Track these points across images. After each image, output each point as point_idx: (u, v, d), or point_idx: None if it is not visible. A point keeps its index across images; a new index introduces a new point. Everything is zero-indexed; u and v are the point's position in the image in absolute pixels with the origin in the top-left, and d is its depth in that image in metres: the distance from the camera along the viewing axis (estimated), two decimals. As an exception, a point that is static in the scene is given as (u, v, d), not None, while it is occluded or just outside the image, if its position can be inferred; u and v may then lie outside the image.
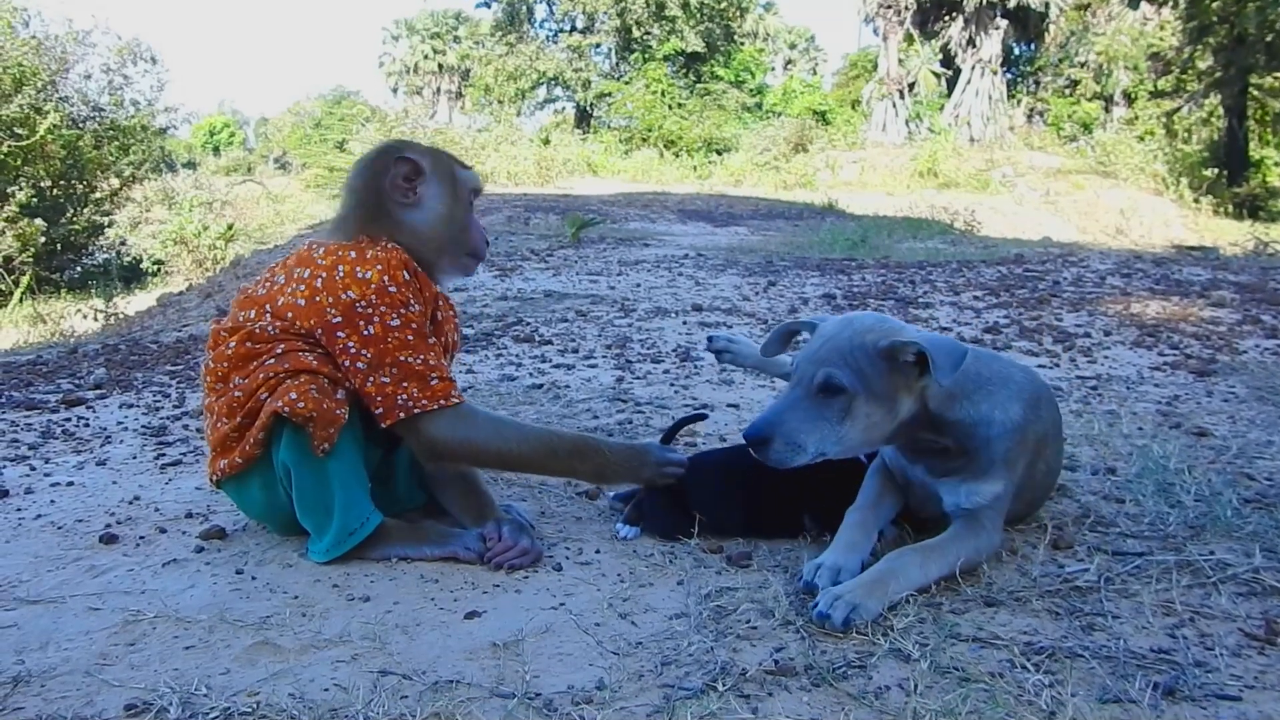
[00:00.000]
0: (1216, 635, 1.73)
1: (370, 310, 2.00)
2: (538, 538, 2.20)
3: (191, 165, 33.78)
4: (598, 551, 2.17)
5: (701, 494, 2.24)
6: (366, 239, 2.12)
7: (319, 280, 2.05)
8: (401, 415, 2.01)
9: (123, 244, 17.39)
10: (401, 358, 2.01)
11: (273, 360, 2.03)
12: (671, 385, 3.78)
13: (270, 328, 2.06)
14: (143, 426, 3.41)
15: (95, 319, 10.56)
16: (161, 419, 3.51)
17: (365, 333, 2.00)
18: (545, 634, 1.78)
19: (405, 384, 2.01)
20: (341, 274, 2.03)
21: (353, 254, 2.07)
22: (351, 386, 2.04)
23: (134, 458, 3.00)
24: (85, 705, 1.56)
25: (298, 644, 1.75)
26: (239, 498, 2.22)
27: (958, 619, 1.79)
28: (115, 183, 18.23)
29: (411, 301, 2.05)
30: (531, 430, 2.21)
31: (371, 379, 2.00)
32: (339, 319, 2.01)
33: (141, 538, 2.30)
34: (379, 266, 2.03)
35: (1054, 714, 1.46)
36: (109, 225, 17.58)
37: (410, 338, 2.03)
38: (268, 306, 2.09)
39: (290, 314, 2.05)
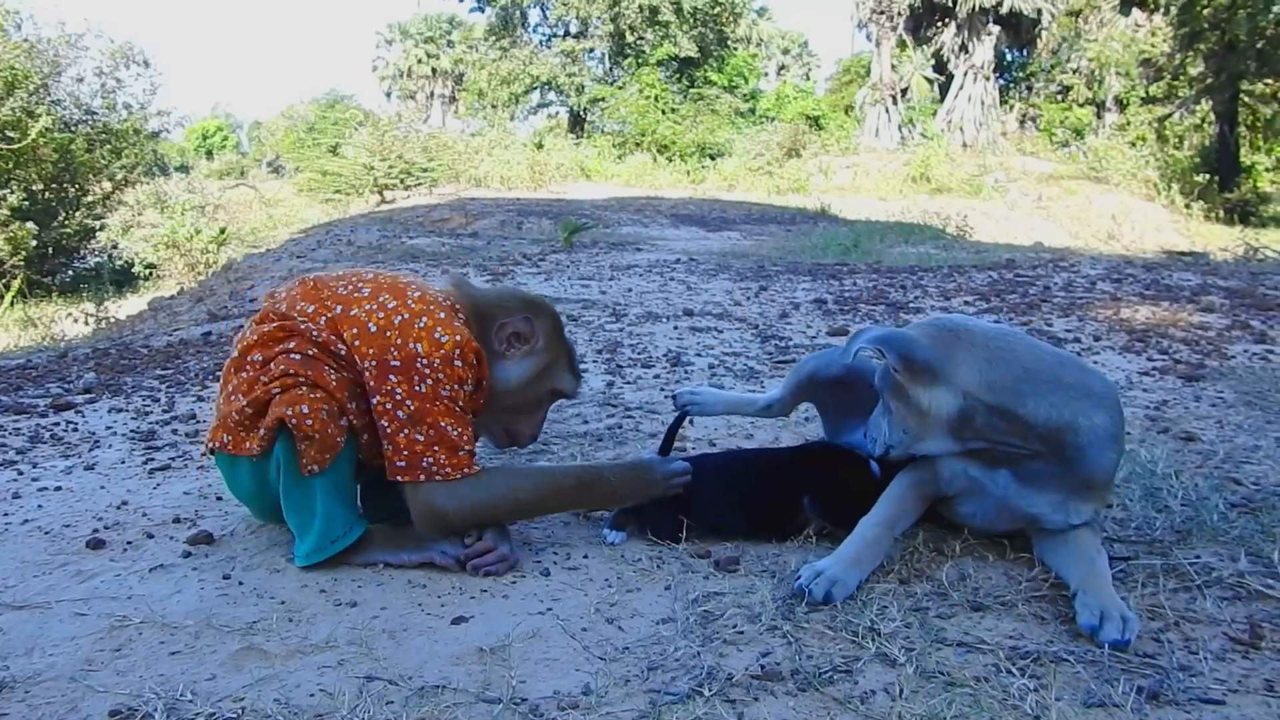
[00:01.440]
0: (1201, 639, 1.73)
1: (429, 371, 2.02)
2: (522, 543, 2.21)
3: (184, 169, 33.77)
4: (585, 557, 2.17)
5: (705, 498, 2.26)
6: (465, 315, 2.17)
7: (399, 318, 2.07)
8: (422, 477, 2.02)
9: (114, 247, 17.38)
10: (441, 423, 2.03)
11: (298, 357, 2.04)
12: (662, 390, 3.78)
13: (316, 332, 2.07)
14: (131, 431, 3.40)
15: (86, 323, 10.55)
16: (150, 423, 3.50)
17: (417, 388, 2.02)
18: (532, 639, 1.78)
19: (436, 449, 2.02)
20: (422, 325, 2.06)
21: (443, 315, 2.10)
22: (360, 422, 2.07)
23: (122, 462, 2.99)
24: (70, 711, 1.55)
25: (284, 649, 1.75)
26: (228, 475, 2.20)
27: (944, 624, 1.80)
28: (107, 186, 18.24)
29: (466, 383, 2.09)
30: (537, 476, 2.20)
31: (406, 431, 2.01)
32: (397, 364, 2.02)
33: (129, 543, 2.29)
34: (458, 338, 2.06)
35: (1038, 718, 1.47)
36: (101, 229, 17.57)
37: (456, 409, 2.06)
38: (336, 309, 2.10)
39: (354, 330, 2.06)
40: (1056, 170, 28.17)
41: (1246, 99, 24.98)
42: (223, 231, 15.31)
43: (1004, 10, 33.08)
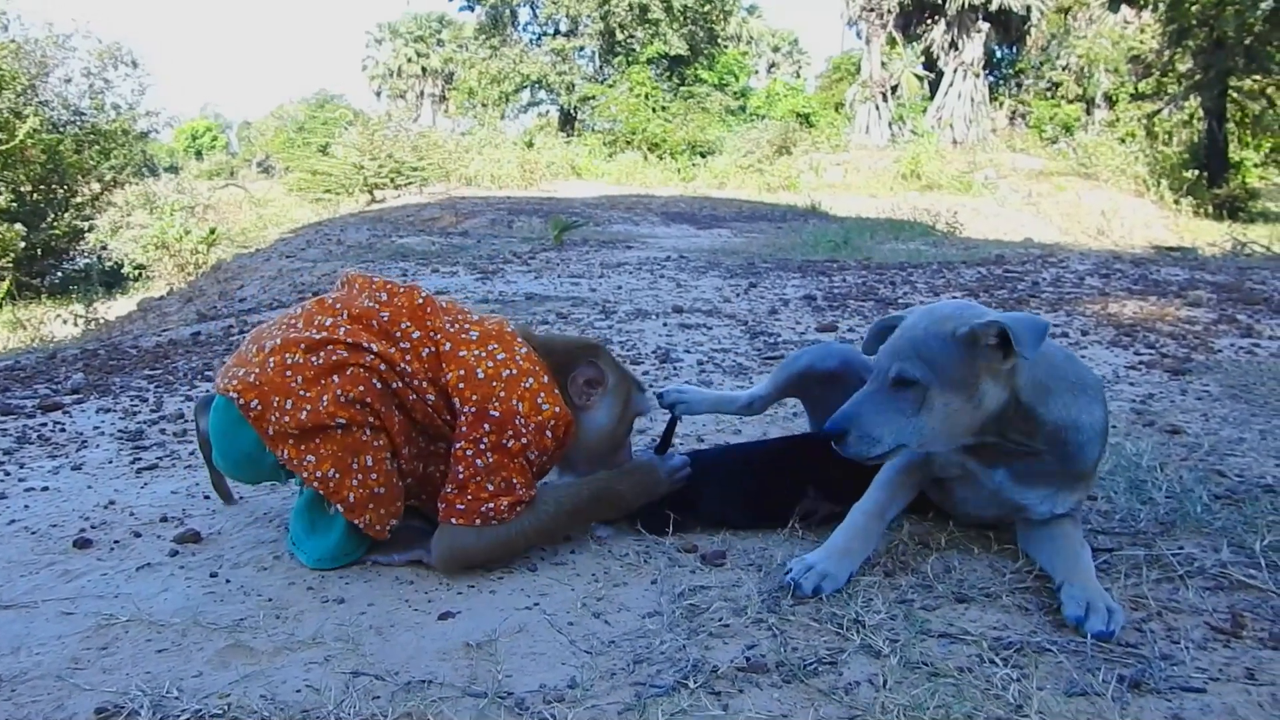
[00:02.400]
0: (1183, 629, 1.75)
1: (523, 432, 2.04)
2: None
3: (173, 169, 33.66)
4: (572, 552, 2.17)
5: (710, 494, 2.29)
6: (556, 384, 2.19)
7: (507, 372, 2.07)
8: (478, 521, 2.02)
9: (103, 249, 17.31)
10: (513, 480, 2.04)
11: (379, 385, 2.02)
12: (651, 386, 3.79)
13: (411, 363, 2.06)
14: (119, 431, 3.40)
15: (75, 324, 10.52)
16: (139, 423, 3.50)
17: (505, 443, 2.03)
18: (519, 634, 1.78)
19: (500, 499, 2.03)
20: (528, 386, 2.07)
21: (546, 379, 2.13)
22: (409, 467, 2.10)
23: (110, 462, 2.99)
24: (56, 709, 1.55)
25: (271, 646, 1.75)
26: (228, 425, 2.06)
27: (929, 615, 1.81)
28: (96, 187, 18.18)
29: (547, 455, 2.11)
30: (554, 504, 2.16)
31: (479, 479, 2.02)
32: (496, 414, 2.03)
33: (116, 542, 2.29)
34: (557, 410, 2.10)
35: (1021, 707, 1.48)
36: (89, 230, 17.50)
37: (529, 472, 2.08)
38: (445, 345, 2.09)
39: (461, 372, 2.05)
40: (1046, 167, 28.22)
41: (1235, 95, 25.05)
42: (212, 232, 15.26)
43: (993, 7, 33.12)
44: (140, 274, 15.37)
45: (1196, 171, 25.13)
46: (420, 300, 2.18)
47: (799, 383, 2.61)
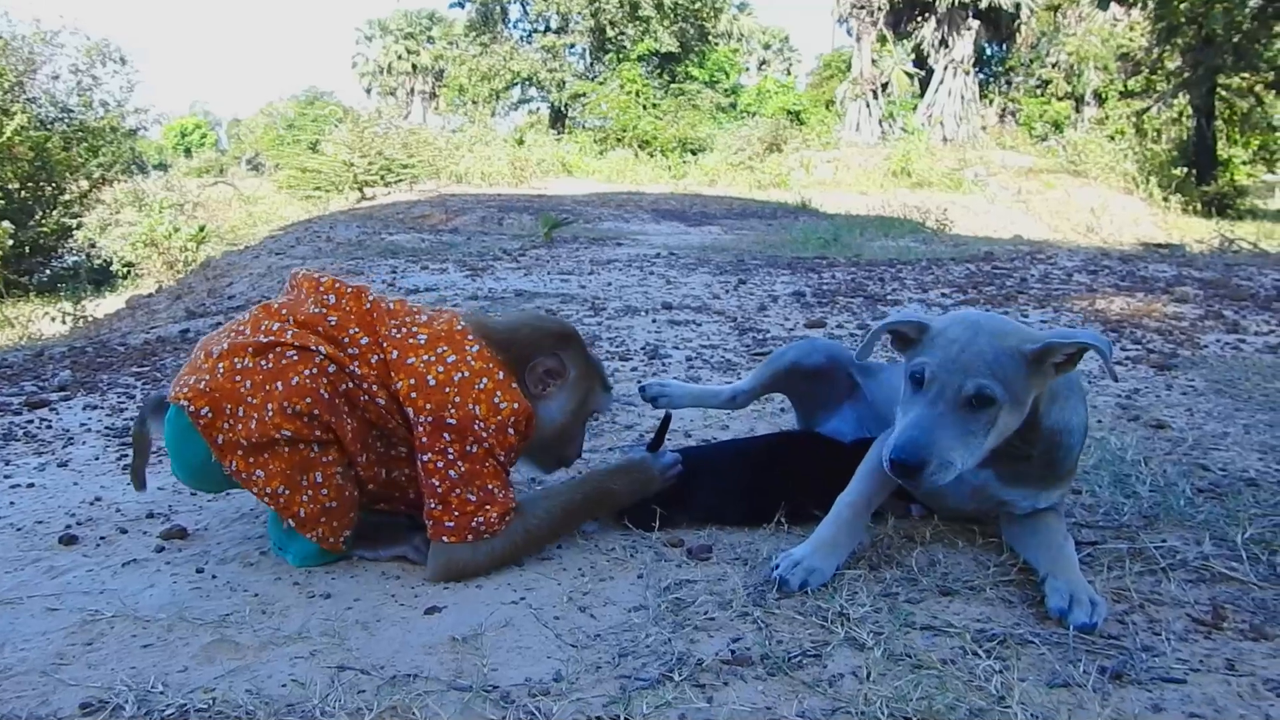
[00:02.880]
0: (1165, 621, 1.76)
1: (485, 436, 2.01)
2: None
3: (163, 167, 33.55)
4: (559, 547, 2.18)
5: (704, 489, 2.29)
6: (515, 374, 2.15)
7: (459, 375, 2.04)
8: (470, 537, 2.00)
9: (92, 246, 17.24)
10: (490, 485, 2.02)
11: (326, 396, 1.98)
12: (639, 382, 3.78)
13: (359, 369, 2.03)
14: (106, 428, 3.39)
15: (63, 322, 10.47)
16: (125, 420, 3.49)
17: (469, 449, 2.00)
18: (505, 628, 1.79)
19: (488, 508, 2.00)
20: (483, 387, 2.04)
21: (502, 375, 2.08)
22: (368, 474, 2.08)
23: (96, 459, 2.98)
24: (40, 705, 1.55)
25: (257, 641, 1.75)
26: (181, 434, 2.02)
27: (913, 608, 1.81)
28: (84, 184, 18.08)
29: (512, 452, 2.09)
30: (548, 507, 2.14)
31: (459, 491, 1.99)
32: (453, 423, 2.00)
33: (102, 538, 2.29)
34: (516, 406, 2.06)
35: (1003, 698, 1.49)
36: (78, 227, 17.43)
37: (502, 473, 2.05)
38: (392, 353, 2.05)
39: (411, 381, 2.02)
40: (1036, 164, 28.29)
41: (1223, 93, 25.16)
42: (202, 229, 15.20)
43: (983, 5, 33.22)
44: (129, 271, 15.31)
45: (1185, 169, 25.24)
46: (368, 305, 2.14)
47: (784, 378, 2.61)
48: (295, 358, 1.99)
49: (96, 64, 18.92)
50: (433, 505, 2.01)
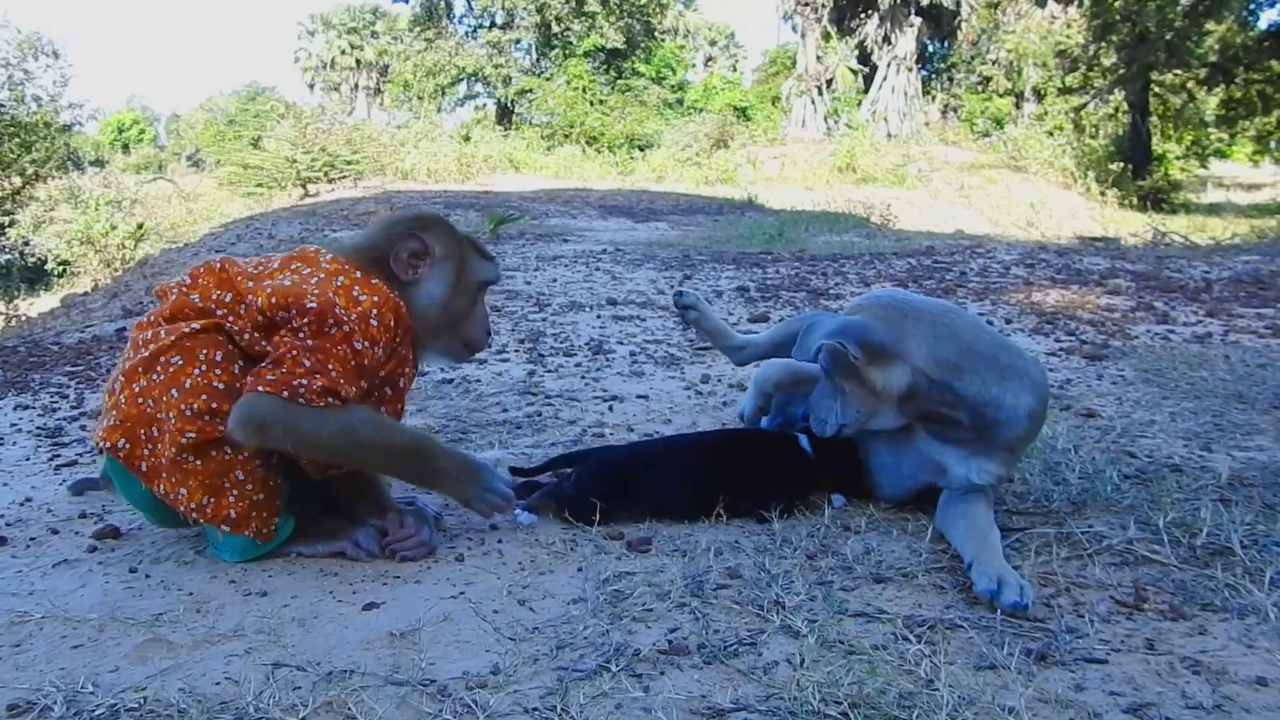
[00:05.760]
0: (1089, 603, 1.81)
1: (344, 324, 1.94)
2: (440, 529, 2.21)
3: (100, 163, 32.74)
4: (500, 541, 2.18)
5: (651, 482, 2.30)
6: (379, 277, 2.10)
7: (316, 278, 2.01)
8: (285, 394, 1.89)
9: (25, 244, 16.86)
10: (329, 366, 1.93)
11: (221, 387, 1.93)
12: (583, 378, 3.80)
13: (236, 323, 1.99)
14: (37, 428, 3.32)
15: (-5, 321, 10.22)
16: (58, 420, 3.42)
17: (327, 330, 1.94)
18: (443, 622, 1.79)
19: (316, 377, 1.91)
20: (340, 283, 2.00)
21: (358, 274, 2.05)
22: (249, 343, 2.00)
23: (27, 459, 2.93)
24: (-34, 708, 1.52)
25: (191, 640, 1.74)
26: (122, 481, 2.07)
27: (847, 595, 1.85)
28: (17, 181, 17.69)
29: (378, 346, 2.01)
30: (376, 428, 2.04)
31: (295, 353, 1.91)
32: (313, 305, 1.94)
33: (32, 539, 2.25)
34: (376, 298, 2.00)
35: (931, 681, 1.52)
36: (10, 225, 17.03)
37: (350, 364, 1.96)
38: (249, 285, 2.01)
39: (268, 292, 1.97)
40: (978, 160, 28.72)
41: (1157, 89, 25.78)
42: (140, 227, 14.94)
43: (925, 2, 33.63)
44: (64, 270, 15.01)
45: (1121, 164, 25.81)
46: (220, 267, 2.10)
47: (785, 346, 2.63)
48: (180, 361, 1.95)
49: (28, 58, 18.52)
50: (265, 364, 1.94)
